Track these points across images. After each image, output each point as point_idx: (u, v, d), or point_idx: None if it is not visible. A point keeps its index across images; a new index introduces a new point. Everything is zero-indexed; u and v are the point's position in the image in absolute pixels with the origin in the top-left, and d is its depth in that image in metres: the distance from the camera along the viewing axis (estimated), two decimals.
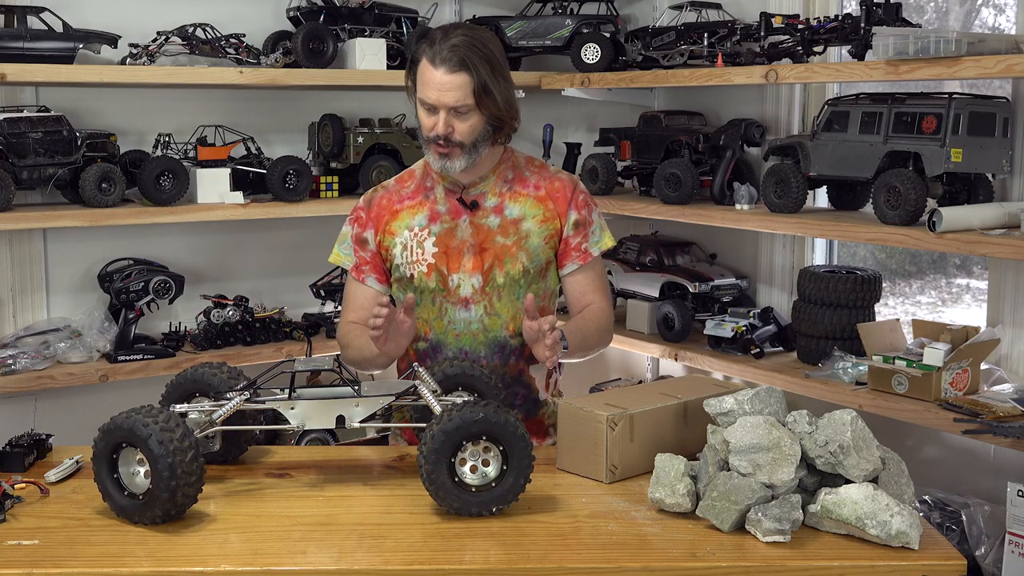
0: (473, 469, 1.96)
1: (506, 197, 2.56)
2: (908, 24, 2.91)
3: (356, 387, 2.11)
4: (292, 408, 2.07)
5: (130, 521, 1.91)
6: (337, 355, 2.22)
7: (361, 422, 2.09)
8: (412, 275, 2.54)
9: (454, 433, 1.92)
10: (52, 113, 3.12)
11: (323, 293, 3.60)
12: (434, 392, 2.14)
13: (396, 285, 2.61)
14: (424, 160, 2.63)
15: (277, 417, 2.10)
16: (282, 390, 2.10)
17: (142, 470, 1.92)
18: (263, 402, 2.08)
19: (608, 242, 2.65)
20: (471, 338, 2.53)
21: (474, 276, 2.51)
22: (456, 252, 2.52)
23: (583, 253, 2.59)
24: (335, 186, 3.61)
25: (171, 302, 3.36)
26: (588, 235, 2.60)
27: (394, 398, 2.11)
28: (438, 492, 1.95)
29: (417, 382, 2.14)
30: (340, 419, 2.08)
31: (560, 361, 2.49)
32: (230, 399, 2.08)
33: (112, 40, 3.20)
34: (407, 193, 2.60)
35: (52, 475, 2.13)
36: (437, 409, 2.04)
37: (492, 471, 1.96)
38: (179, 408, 2.06)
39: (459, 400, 2.09)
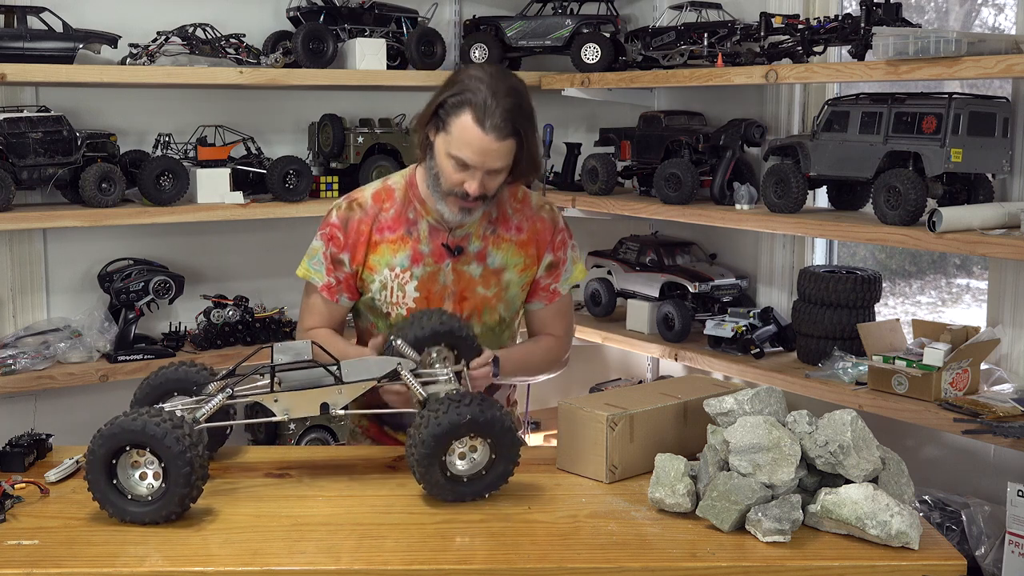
0: (462, 456, 2.01)
1: (489, 242, 2.51)
2: (908, 24, 2.91)
3: (336, 367, 2.11)
4: (275, 400, 2.07)
5: (140, 523, 1.91)
6: (314, 341, 2.20)
7: (344, 408, 2.08)
8: (390, 313, 2.50)
9: (443, 437, 1.97)
10: (52, 113, 3.13)
11: None
12: (412, 370, 2.15)
13: (367, 310, 2.55)
14: (406, 180, 2.53)
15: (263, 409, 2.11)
16: (262, 375, 2.09)
17: (150, 472, 1.92)
18: (246, 396, 2.08)
19: (578, 276, 2.63)
20: None
21: None
22: (437, 297, 2.49)
23: (551, 293, 2.59)
24: (335, 186, 3.61)
25: (171, 302, 3.37)
26: (559, 275, 2.59)
27: (376, 381, 2.11)
28: (432, 489, 2.02)
29: (399, 365, 2.13)
30: (324, 406, 2.08)
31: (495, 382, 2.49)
32: (212, 395, 2.08)
33: (112, 40, 3.20)
34: (386, 221, 2.49)
35: (52, 475, 2.13)
36: (422, 395, 2.09)
37: (481, 459, 2.02)
38: (166, 407, 2.07)
39: (441, 378, 2.14)
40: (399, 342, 2.25)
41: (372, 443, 2.66)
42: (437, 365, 2.27)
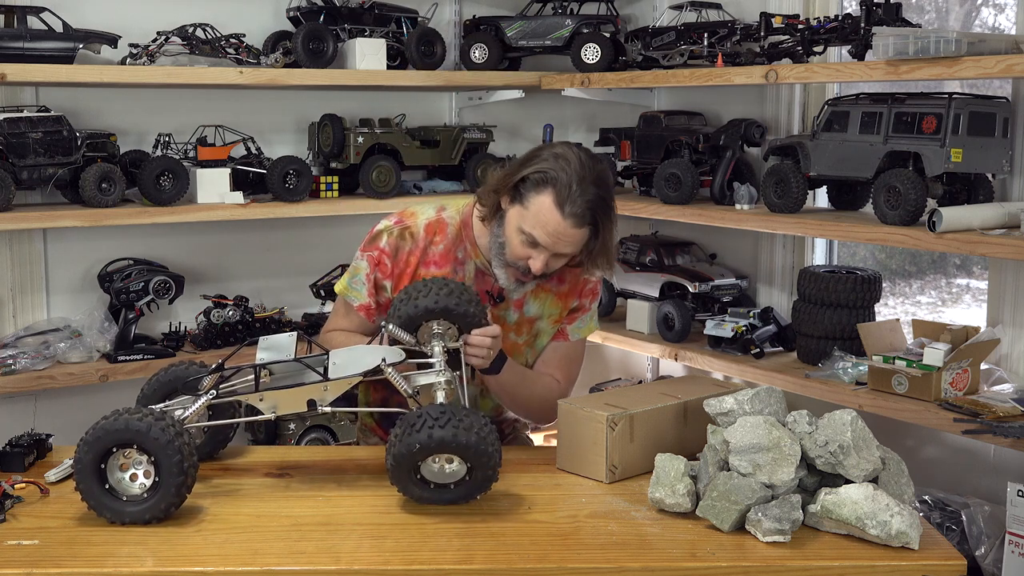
0: (438, 468, 1.99)
1: (529, 292, 2.50)
2: (908, 24, 2.91)
3: (324, 363, 2.11)
4: (260, 399, 2.07)
5: (140, 522, 1.91)
6: (300, 333, 2.20)
7: (331, 404, 2.08)
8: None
9: (410, 456, 1.94)
10: (52, 113, 3.12)
11: (323, 293, 3.61)
12: (399, 360, 2.13)
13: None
14: (462, 219, 2.51)
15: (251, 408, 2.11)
16: (252, 367, 2.10)
17: (140, 471, 1.92)
18: (231, 396, 2.08)
19: (588, 332, 2.61)
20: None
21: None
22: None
23: (560, 332, 2.58)
24: (335, 186, 3.61)
25: (171, 302, 3.37)
26: (575, 319, 2.58)
27: (360, 377, 2.09)
28: (412, 498, 2.02)
29: (383, 360, 2.10)
30: (311, 403, 2.07)
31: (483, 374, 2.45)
32: (199, 395, 2.09)
33: (112, 40, 3.20)
34: (434, 256, 2.48)
35: (52, 475, 2.13)
36: (408, 391, 2.08)
37: (458, 469, 1.99)
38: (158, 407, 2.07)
39: (435, 363, 2.11)
40: (391, 327, 2.21)
41: (380, 441, 2.66)
42: (435, 343, 2.20)
